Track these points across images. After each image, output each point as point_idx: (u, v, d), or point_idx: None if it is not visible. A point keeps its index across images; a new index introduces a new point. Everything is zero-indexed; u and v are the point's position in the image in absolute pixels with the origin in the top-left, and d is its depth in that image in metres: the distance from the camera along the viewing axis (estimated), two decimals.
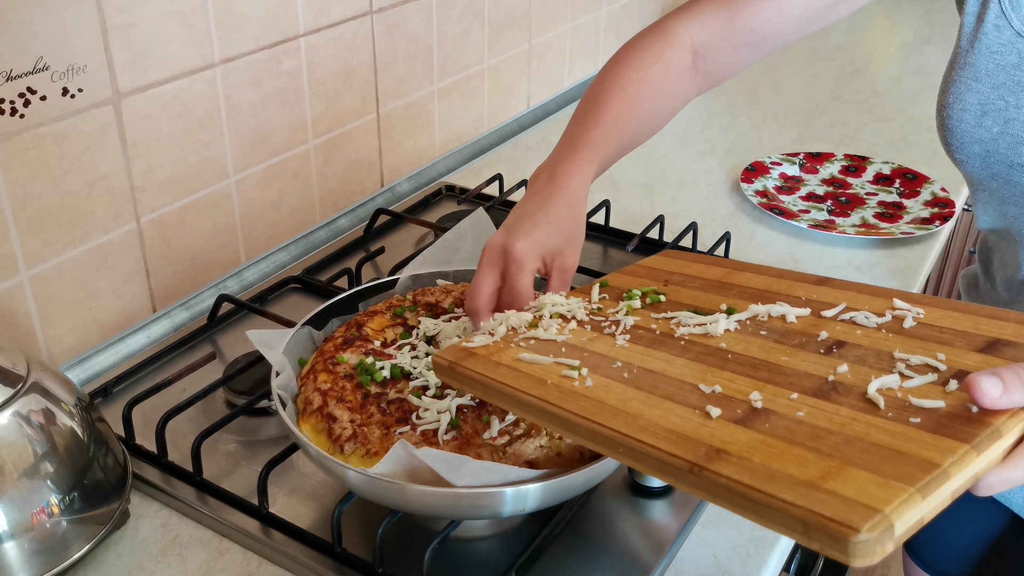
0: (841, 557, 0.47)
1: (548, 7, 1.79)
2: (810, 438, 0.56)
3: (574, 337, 0.77)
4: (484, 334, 0.79)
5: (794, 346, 0.69)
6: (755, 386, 0.63)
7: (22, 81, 0.93)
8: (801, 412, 0.59)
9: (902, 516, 0.48)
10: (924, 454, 0.52)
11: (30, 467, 0.77)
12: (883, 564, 2.23)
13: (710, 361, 0.69)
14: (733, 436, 0.57)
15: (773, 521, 0.51)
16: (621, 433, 0.61)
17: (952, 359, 0.62)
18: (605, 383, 0.68)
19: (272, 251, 1.30)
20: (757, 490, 0.52)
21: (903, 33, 2.48)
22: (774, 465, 0.53)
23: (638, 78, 0.95)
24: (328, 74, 1.31)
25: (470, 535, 0.85)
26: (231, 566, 0.83)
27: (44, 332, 1.04)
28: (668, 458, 0.57)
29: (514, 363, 0.73)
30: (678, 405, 0.63)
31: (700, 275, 0.86)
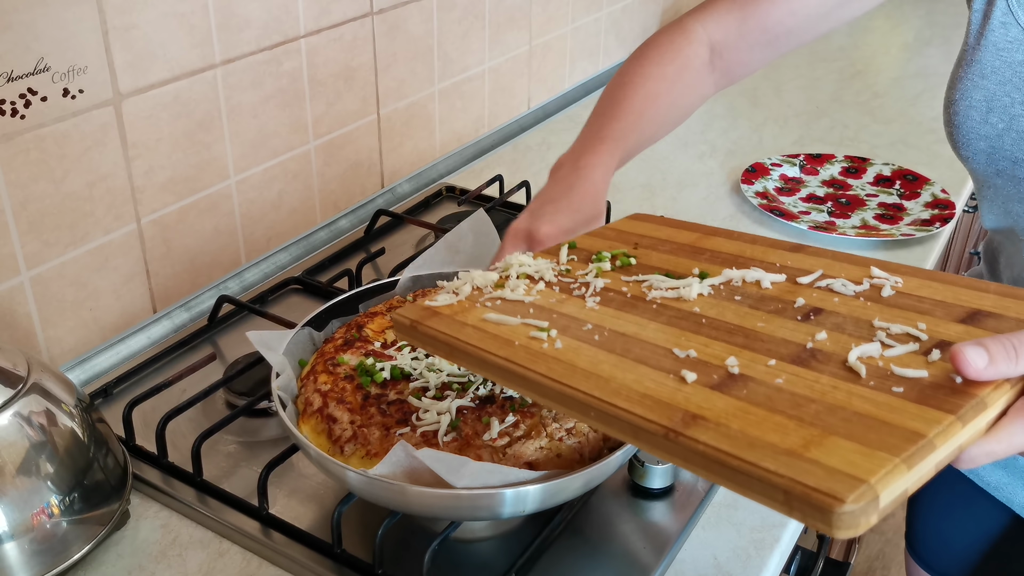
0: (824, 528, 0.46)
1: (549, 8, 1.79)
2: (790, 406, 0.54)
3: (542, 299, 0.74)
4: (448, 293, 0.77)
5: (770, 312, 0.67)
6: (731, 351, 0.62)
7: (23, 82, 0.93)
8: (780, 379, 0.57)
9: (888, 487, 0.47)
10: (909, 424, 0.50)
11: (30, 468, 0.77)
12: (883, 566, 2.23)
13: (684, 325, 0.67)
14: (710, 402, 0.56)
15: (752, 490, 0.50)
16: (593, 396, 0.59)
17: (933, 329, 0.60)
18: (575, 345, 0.66)
19: (272, 252, 1.30)
20: (736, 457, 0.50)
21: (904, 35, 2.48)
22: (753, 432, 0.52)
23: (658, 73, 0.97)
24: (328, 75, 1.31)
25: (470, 536, 0.85)
26: (231, 567, 0.83)
27: (44, 333, 1.04)
28: (642, 423, 0.55)
29: (480, 323, 0.71)
30: (652, 369, 0.61)
31: (671, 239, 0.84)
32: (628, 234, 0.87)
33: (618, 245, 0.84)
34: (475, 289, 0.78)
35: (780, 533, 0.87)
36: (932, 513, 1.21)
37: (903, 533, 1.38)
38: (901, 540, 2.28)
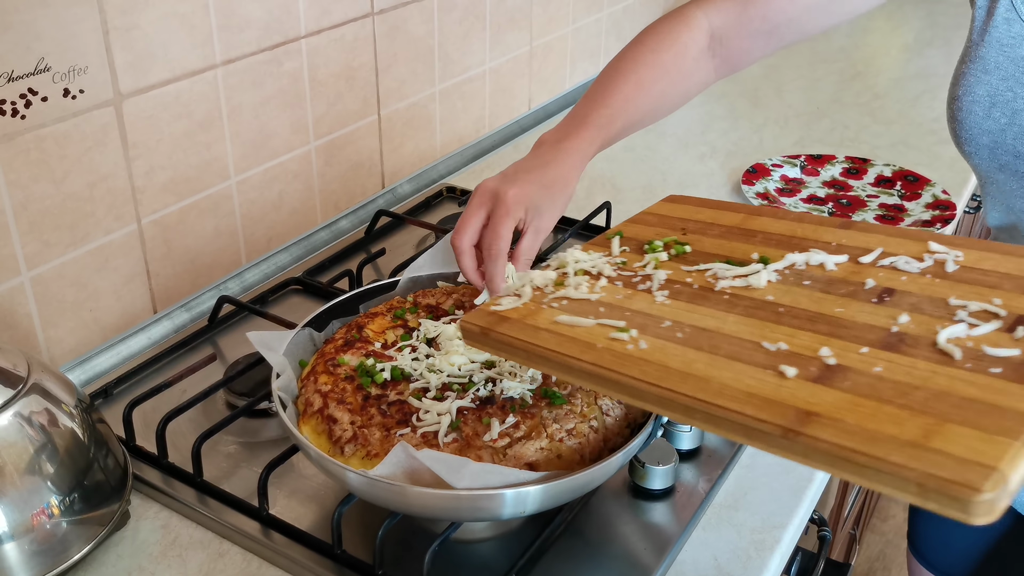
0: (961, 516, 0.47)
1: (549, 9, 1.79)
2: (897, 395, 0.55)
3: (608, 295, 0.73)
4: (510, 296, 0.76)
5: (843, 296, 0.67)
6: (820, 341, 0.62)
7: (23, 82, 0.93)
8: (878, 367, 0.58)
9: (1015, 469, 0.47)
10: (1017, 406, 0.52)
11: (30, 468, 0.77)
12: (884, 567, 2.23)
13: (762, 316, 0.66)
14: (817, 396, 0.56)
15: (882, 483, 0.50)
16: (696, 399, 0.58)
17: (1008, 304, 0.61)
18: (660, 345, 0.65)
19: (273, 252, 1.30)
20: (862, 453, 0.51)
21: (904, 36, 2.48)
22: (870, 426, 0.52)
23: (653, 60, 0.97)
24: (329, 76, 1.31)
25: (470, 537, 0.85)
26: (231, 568, 0.83)
27: (45, 333, 1.04)
28: (756, 423, 0.55)
29: (553, 326, 0.70)
30: (747, 365, 0.60)
31: (716, 221, 0.84)
32: (670, 218, 0.87)
33: (665, 231, 0.84)
34: (535, 289, 0.77)
35: (780, 534, 0.87)
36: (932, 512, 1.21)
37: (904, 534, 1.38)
38: (901, 541, 2.28)
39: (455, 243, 0.88)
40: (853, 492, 1.60)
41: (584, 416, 0.78)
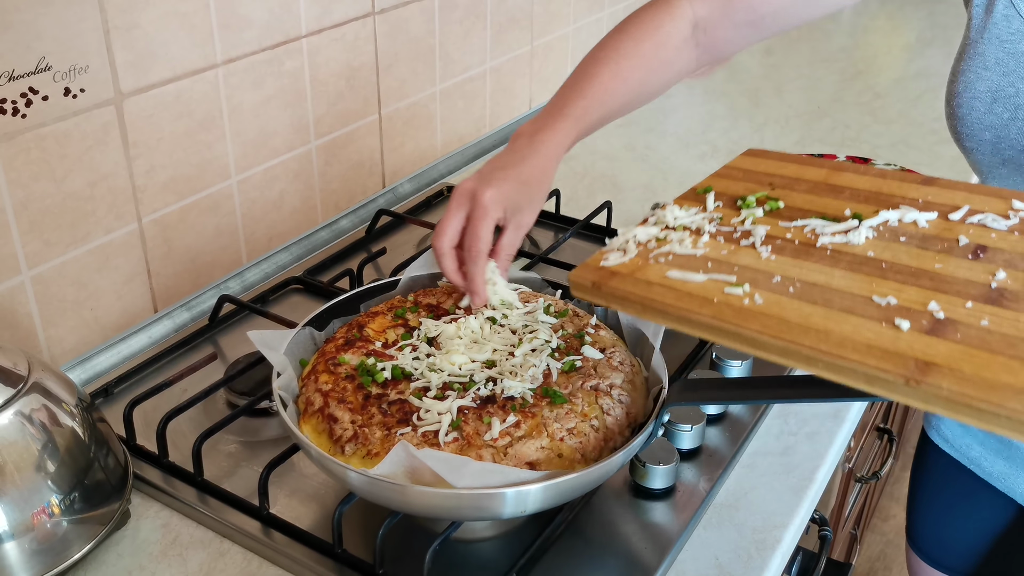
0: None
1: (550, 8, 1.79)
2: (1006, 346, 0.60)
3: (712, 251, 0.76)
4: (615, 251, 0.78)
5: (940, 252, 0.71)
6: (926, 295, 0.66)
7: (24, 81, 0.93)
8: (984, 321, 0.62)
9: None
10: None
11: (31, 467, 0.77)
12: (884, 567, 2.23)
13: (867, 271, 0.70)
14: (933, 347, 0.60)
15: (1000, 427, 0.55)
16: (819, 350, 0.62)
17: None
18: (775, 299, 0.68)
19: (274, 252, 1.30)
20: (983, 400, 0.55)
21: (905, 36, 2.48)
22: (986, 375, 0.57)
23: (633, 50, 0.97)
24: (330, 75, 1.31)
25: (471, 536, 0.85)
26: (232, 567, 0.83)
27: (45, 332, 1.04)
28: (879, 372, 0.59)
29: (665, 280, 0.72)
30: (863, 319, 0.64)
31: (801, 176, 0.87)
32: (756, 173, 0.89)
33: (753, 186, 0.86)
34: (639, 245, 0.78)
35: (781, 534, 0.87)
36: (934, 507, 1.21)
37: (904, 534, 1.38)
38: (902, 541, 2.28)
39: (435, 246, 0.88)
40: (854, 492, 1.60)
41: (585, 415, 0.78)
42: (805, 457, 0.96)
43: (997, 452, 1.08)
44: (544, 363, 0.83)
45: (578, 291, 0.76)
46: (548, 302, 0.93)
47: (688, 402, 0.80)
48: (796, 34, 2.41)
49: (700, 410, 0.95)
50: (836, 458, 0.99)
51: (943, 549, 1.21)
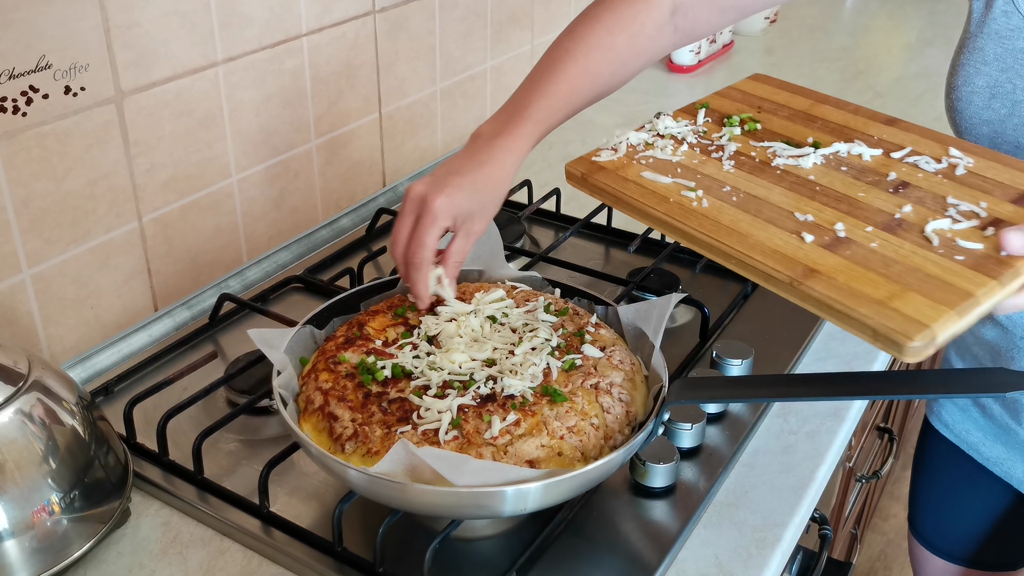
0: (898, 355, 0.66)
1: (551, 7, 1.79)
2: (881, 265, 0.71)
3: (686, 159, 0.89)
4: (608, 149, 0.91)
5: (869, 183, 0.83)
6: (839, 217, 0.78)
7: (24, 79, 0.93)
8: (875, 243, 0.74)
9: (944, 330, 0.65)
10: (964, 285, 0.68)
11: (31, 465, 0.77)
12: (885, 567, 2.23)
13: (802, 191, 0.82)
14: (823, 259, 0.73)
15: (850, 327, 0.68)
16: (735, 249, 0.76)
17: (991, 208, 0.77)
18: (718, 205, 0.81)
19: (274, 251, 1.30)
20: (842, 303, 0.68)
21: (906, 35, 2.48)
22: (854, 285, 0.70)
23: (607, 43, 0.94)
24: (330, 74, 1.31)
25: (471, 535, 0.85)
26: (232, 565, 0.83)
27: (46, 330, 1.04)
28: (773, 272, 0.73)
29: (638, 179, 0.86)
30: (779, 229, 0.77)
31: (788, 104, 0.98)
32: (752, 96, 1.01)
33: (744, 107, 0.98)
34: (630, 147, 0.91)
35: (781, 532, 0.87)
36: (934, 493, 1.21)
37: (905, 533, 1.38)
38: (903, 541, 2.28)
39: (395, 255, 0.87)
40: (854, 491, 1.60)
41: (585, 414, 0.78)
42: (805, 456, 0.96)
43: (996, 437, 1.09)
44: (544, 361, 0.83)
45: (571, 180, 0.90)
46: (548, 301, 0.93)
47: (688, 400, 0.80)
48: (797, 33, 2.41)
49: (700, 409, 0.95)
50: (836, 457, 0.99)
51: (943, 535, 1.21)
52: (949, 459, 1.17)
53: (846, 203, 0.80)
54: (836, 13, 2.63)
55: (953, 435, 1.15)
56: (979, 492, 1.15)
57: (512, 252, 1.25)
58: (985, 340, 1.06)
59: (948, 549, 1.21)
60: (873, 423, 1.57)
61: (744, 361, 1.04)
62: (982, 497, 1.16)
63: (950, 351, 1.16)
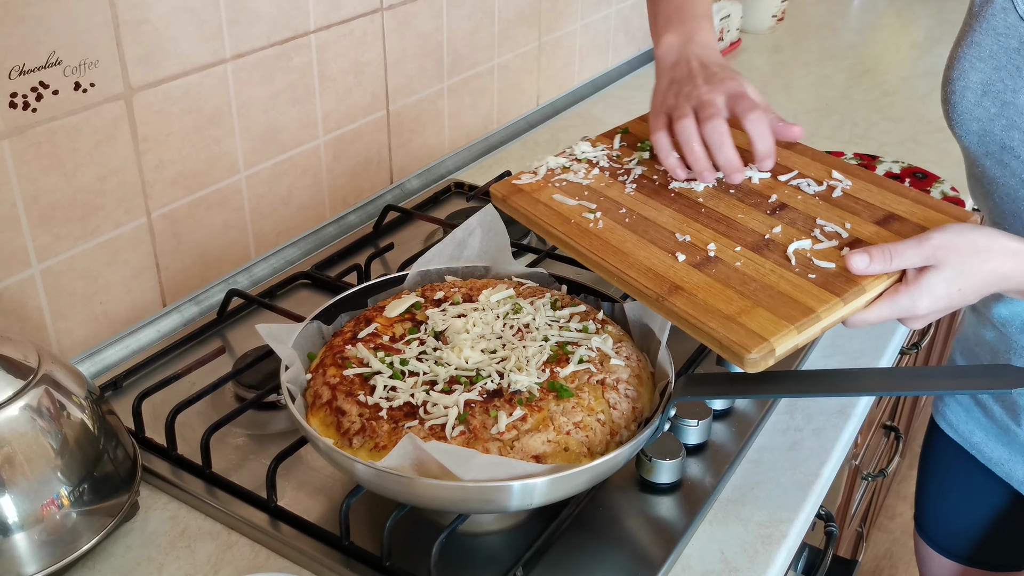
0: (740, 365, 0.72)
1: (558, 5, 1.79)
2: (740, 283, 0.77)
3: (595, 182, 0.94)
4: (529, 172, 0.96)
5: (750, 205, 0.87)
6: (714, 237, 0.83)
7: (34, 75, 0.94)
8: (739, 262, 0.80)
9: (782, 344, 0.71)
10: (807, 302, 0.74)
11: (40, 459, 0.77)
12: (891, 565, 2.23)
13: (688, 213, 0.87)
14: (689, 277, 0.79)
15: (701, 339, 0.74)
16: (616, 267, 0.82)
17: (855, 229, 0.82)
18: (611, 225, 0.87)
19: (282, 247, 1.30)
20: (695, 318, 0.75)
21: (914, 34, 2.47)
22: (711, 302, 0.76)
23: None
24: (338, 71, 1.32)
25: (477, 529, 0.85)
26: (239, 559, 0.84)
27: (55, 325, 1.04)
28: (644, 288, 0.79)
29: (549, 201, 0.91)
30: (658, 249, 0.83)
31: None
32: None
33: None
34: (549, 170, 0.96)
35: (787, 529, 0.87)
36: (939, 492, 1.22)
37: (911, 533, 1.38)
38: (909, 540, 2.28)
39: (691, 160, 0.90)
40: (860, 489, 1.60)
41: (591, 409, 0.78)
42: (811, 453, 0.96)
43: (998, 439, 1.09)
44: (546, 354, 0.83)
45: (495, 201, 0.96)
46: (555, 297, 0.93)
47: (694, 397, 0.80)
48: (804, 31, 2.40)
49: (706, 405, 0.95)
50: (842, 454, 0.99)
51: (948, 535, 1.21)
52: (954, 459, 1.17)
53: (724, 224, 0.85)
54: (844, 11, 2.63)
55: (957, 435, 1.15)
56: (983, 492, 1.15)
57: (519, 249, 1.25)
58: (986, 341, 1.07)
59: (953, 548, 1.21)
60: (879, 421, 1.57)
61: None
62: (986, 497, 1.16)
63: (955, 352, 1.17)
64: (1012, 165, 0.90)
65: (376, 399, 0.79)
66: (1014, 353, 1.02)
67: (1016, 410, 1.04)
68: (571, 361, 0.83)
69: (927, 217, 0.83)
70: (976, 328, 1.09)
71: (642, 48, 2.16)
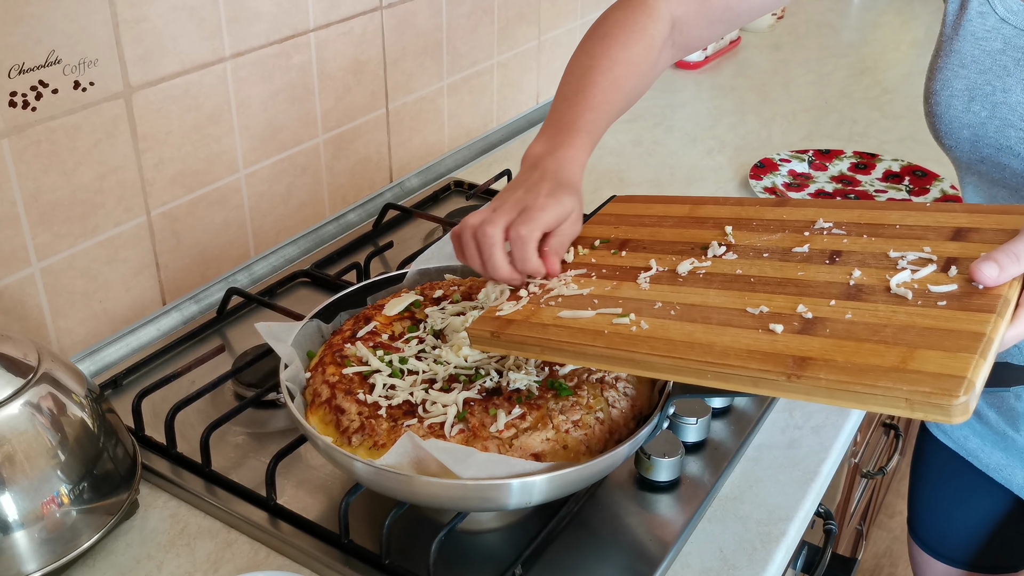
0: (943, 419, 0.58)
1: (558, 3, 1.79)
2: (870, 334, 0.65)
3: (596, 288, 0.80)
4: (509, 301, 0.81)
5: (800, 262, 0.76)
6: (794, 301, 0.71)
7: (34, 74, 0.94)
8: (848, 315, 0.67)
9: (979, 375, 0.59)
10: (968, 328, 0.63)
11: (40, 457, 0.77)
12: (891, 563, 2.23)
13: (738, 287, 0.75)
14: (806, 344, 0.65)
15: (877, 405, 0.60)
16: (706, 362, 0.67)
17: (937, 250, 0.72)
18: (659, 323, 0.72)
19: (281, 245, 1.30)
20: (857, 382, 0.61)
21: (913, 31, 2.47)
22: (856, 360, 0.62)
23: (624, 57, 0.95)
24: (338, 69, 1.32)
25: (476, 528, 0.85)
26: (239, 557, 0.84)
27: (55, 324, 1.04)
28: (762, 374, 0.64)
29: (558, 320, 0.76)
30: (740, 329, 0.69)
31: (668, 214, 0.91)
32: (627, 216, 0.93)
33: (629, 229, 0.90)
34: (530, 293, 0.82)
35: (786, 527, 0.87)
36: (934, 497, 1.22)
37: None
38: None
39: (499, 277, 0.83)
40: (860, 487, 1.60)
41: (590, 408, 0.79)
42: (810, 451, 0.97)
43: (995, 444, 1.09)
44: None
45: (478, 343, 0.79)
46: None
47: (693, 394, 0.80)
48: (804, 29, 2.40)
49: (705, 403, 0.95)
50: (841, 452, 0.99)
51: (943, 540, 1.21)
52: (948, 465, 1.17)
53: (792, 286, 0.73)
54: (844, 9, 2.63)
55: (952, 441, 1.15)
56: (979, 497, 1.15)
57: None
58: None
59: (948, 553, 1.21)
60: (879, 419, 1.57)
61: None
62: (982, 502, 1.16)
63: None
64: (1012, 165, 0.90)
65: (375, 397, 0.79)
66: (1011, 353, 1.02)
67: (1014, 416, 1.04)
68: None
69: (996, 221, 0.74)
70: None
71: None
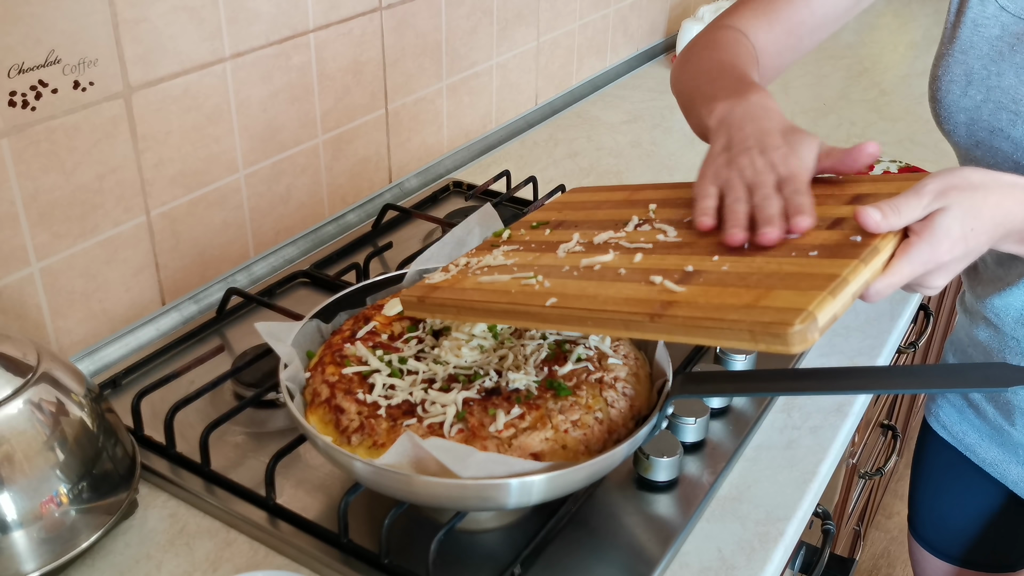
0: (782, 348, 0.62)
1: (557, 4, 1.80)
2: (737, 280, 0.69)
3: (520, 259, 0.86)
4: (440, 272, 0.88)
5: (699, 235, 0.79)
6: (685, 259, 0.75)
7: (33, 74, 0.94)
8: (726, 267, 0.72)
9: (821, 311, 0.62)
10: (827, 271, 0.66)
11: (40, 456, 0.77)
12: (888, 564, 2.23)
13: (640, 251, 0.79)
14: (677, 291, 0.70)
15: (724, 338, 0.65)
16: (587, 309, 0.72)
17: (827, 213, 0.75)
18: (560, 282, 0.78)
19: (281, 245, 1.30)
20: (709, 319, 0.66)
21: (911, 33, 2.48)
22: (716, 301, 0.67)
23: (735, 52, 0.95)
24: (337, 70, 1.32)
25: (475, 527, 0.85)
26: (238, 556, 0.84)
27: (54, 324, 1.04)
28: (630, 316, 0.69)
29: (477, 285, 0.82)
30: (627, 283, 0.74)
31: (609, 199, 0.95)
32: (572, 203, 0.98)
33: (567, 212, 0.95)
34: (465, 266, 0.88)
35: (784, 527, 0.87)
36: (933, 494, 1.22)
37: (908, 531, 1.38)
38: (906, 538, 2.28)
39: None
40: (857, 488, 1.61)
41: (589, 408, 0.79)
42: (808, 451, 0.97)
43: (991, 439, 1.09)
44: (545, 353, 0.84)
45: (408, 308, 0.86)
46: None
47: (692, 395, 0.80)
48: None
49: (704, 403, 0.96)
50: (839, 452, 1.00)
51: (942, 536, 1.22)
52: (948, 460, 1.17)
53: (687, 248, 0.77)
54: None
55: (951, 436, 1.15)
56: (977, 493, 1.16)
57: None
58: (978, 341, 1.07)
59: (947, 550, 1.22)
60: (876, 420, 1.57)
61: (747, 356, 1.04)
62: (980, 498, 1.16)
63: (947, 354, 1.17)
64: (1004, 148, 0.91)
65: (375, 397, 0.79)
66: (1008, 351, 1.02)
67: (1010, 410, 1.05)
68: (569, 359, 0.83)
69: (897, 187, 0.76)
70: (968, 329, 1.09)
71: (640, 48, 2.17)
